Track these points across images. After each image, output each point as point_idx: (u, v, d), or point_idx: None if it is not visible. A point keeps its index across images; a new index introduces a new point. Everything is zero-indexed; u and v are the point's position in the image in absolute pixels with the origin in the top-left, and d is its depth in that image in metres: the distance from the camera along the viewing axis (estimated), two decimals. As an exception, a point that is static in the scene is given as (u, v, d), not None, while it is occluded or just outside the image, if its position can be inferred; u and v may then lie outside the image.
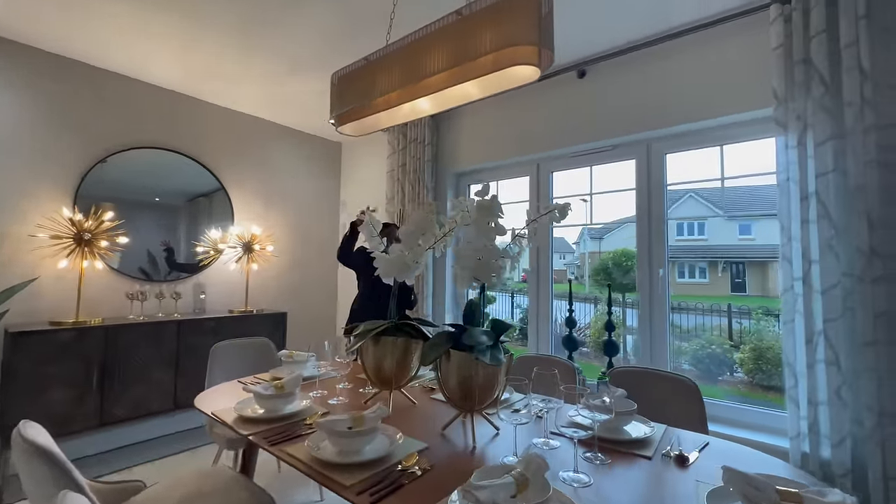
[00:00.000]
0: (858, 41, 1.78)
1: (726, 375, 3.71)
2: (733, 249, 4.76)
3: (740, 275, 5.06)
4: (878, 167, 1.74)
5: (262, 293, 3.66)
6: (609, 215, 3.21)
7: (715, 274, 5.54)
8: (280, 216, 3.84)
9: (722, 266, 5.39)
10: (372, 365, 1.50)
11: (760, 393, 3.38)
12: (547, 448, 1.18)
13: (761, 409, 2.23)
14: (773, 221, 3.11)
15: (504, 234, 1.23)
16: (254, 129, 3.70)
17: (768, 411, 2.21)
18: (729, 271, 5.02)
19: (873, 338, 1.71)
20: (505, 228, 1.23)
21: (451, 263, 3.45)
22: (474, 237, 1.22)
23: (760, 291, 4.73)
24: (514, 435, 1.15)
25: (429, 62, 1.29)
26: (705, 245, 5.29)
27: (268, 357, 2.37)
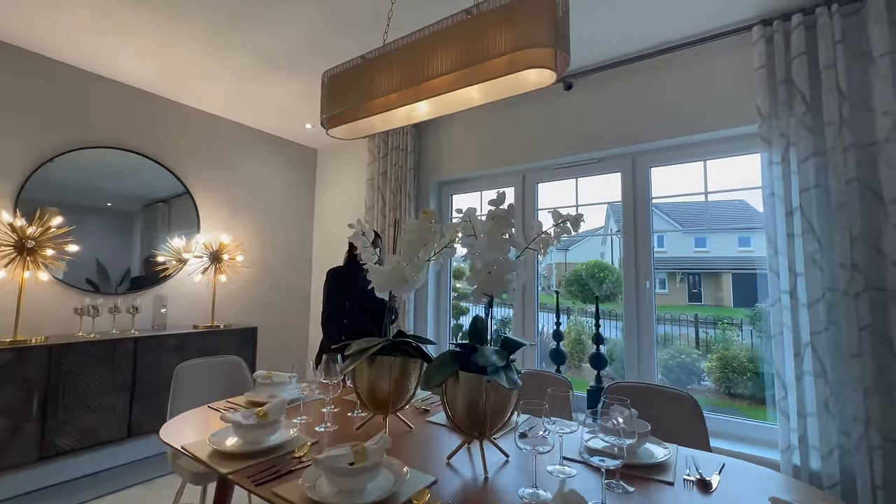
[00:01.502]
0: (836, 64, 1.86)
1: (694, 384, 3.80)
2: (690, 261, 4.98)
3: (696, 285, 5.25)
4: (858, 185, 1.81)
5: (230, 306, 3.42)
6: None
7: (674, 284, 5.74)
8: (250, 224, 3.62)
9: (680, 277, 5.60)
10: (366, 387, 1.37)
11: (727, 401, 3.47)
12: (563, 476, 1.10)
13: (743, 421, 2.25)
14: (728, 235, 3.23)
15: (519, 247, 1.15)
16: (224, 132, 3.49)
17: (748, 422, 2.23)
18: (686, 282, 5.22)
19: (858, 349, 1.75)
20: (518, 241, 1.15)
21: (431, 276, 3.35)
22: (485, 249, 1.14)
23: (715, 301, 4.93)
24: (534, 464, 1.05)
25: (434, 63, 1.21)
26: (665, 257, 5.54)
27: (240, 378, 2.17)
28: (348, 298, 2.39)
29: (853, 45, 1.87)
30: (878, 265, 1.78)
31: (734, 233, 2.93)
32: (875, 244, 1.79)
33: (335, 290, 2.44)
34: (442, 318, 3.36)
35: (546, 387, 1.31)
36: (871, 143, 1.81)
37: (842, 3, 1.88)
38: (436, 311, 3.37)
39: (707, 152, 2.38)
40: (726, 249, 3.37)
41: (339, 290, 2.43)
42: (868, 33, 1.83)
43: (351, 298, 2.39)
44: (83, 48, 2.54)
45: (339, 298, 2.42)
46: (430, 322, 3.32)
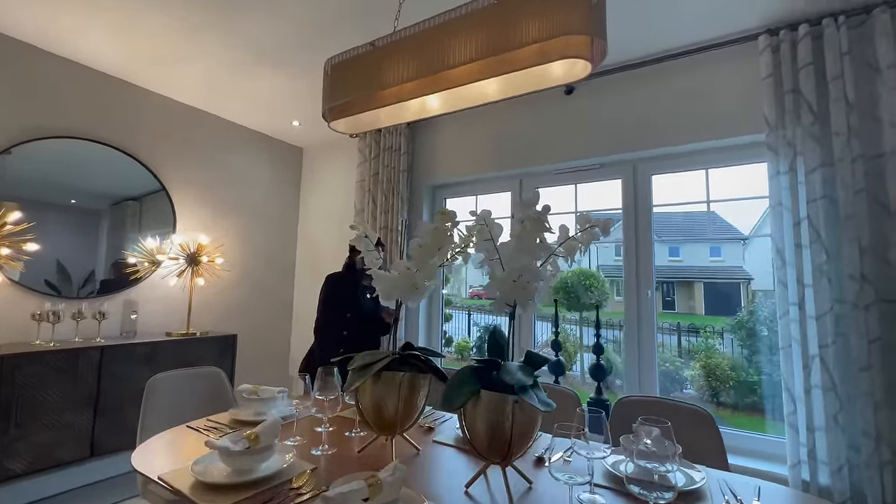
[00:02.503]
0: (843, 75, 1.86)
1: (678, 392, 3.81)
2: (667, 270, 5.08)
3: (671, 293, 5.33)
4: (866, 196, 1.80)
5: (207, 312, 3.19)
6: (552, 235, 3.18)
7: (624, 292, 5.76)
8: (231, 225, 3.42)
9: (655, 285, 5.71)
10: (370, 406, 1.24)
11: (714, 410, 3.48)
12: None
13: (742, 434, 2.21)
14: (700, 245, 3.26)
15: (557, 253, 1.05)
16: (205, 126, 3.28)
17: (745, 434, 2.20)
18: (661, 290, 5.32)
19: (868, 363, 1.72)
20: (551, 246, 1.05)
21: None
22: (512, 255, 1.03)
23: (687, 309, 5.03)
24: (570, 497, 0.94)
25: (454, 51, 1.11)
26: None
27: (221, 392, 1.98)
28: (349, 309, 2.24)
29: (860, 56, 1.88)
30: (887, 277, 1.77)
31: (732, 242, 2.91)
32: (884, 255, 1.78)
33: (334, 297, 2.29)
34: (434, 326, 3.23)
35: (578, 406, 1.22)
36: (879, 154, 1.81)
37: (848, 14, 1.88)
38: (427, 319, 3.24)
39: (710, 161, 2.36)
40: (698, 259, 3.38)
41: (338, 297, 2.28)
42: (874, 45, 1.84)
43: (352, 308, 2.24)
44: (40, 23, 2.28)
45: (338, 307, 2.26)
46: (420, 331, 3.18)
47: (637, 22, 2.09)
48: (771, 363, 2.58)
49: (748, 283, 3.05)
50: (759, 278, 2.91)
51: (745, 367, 2.86)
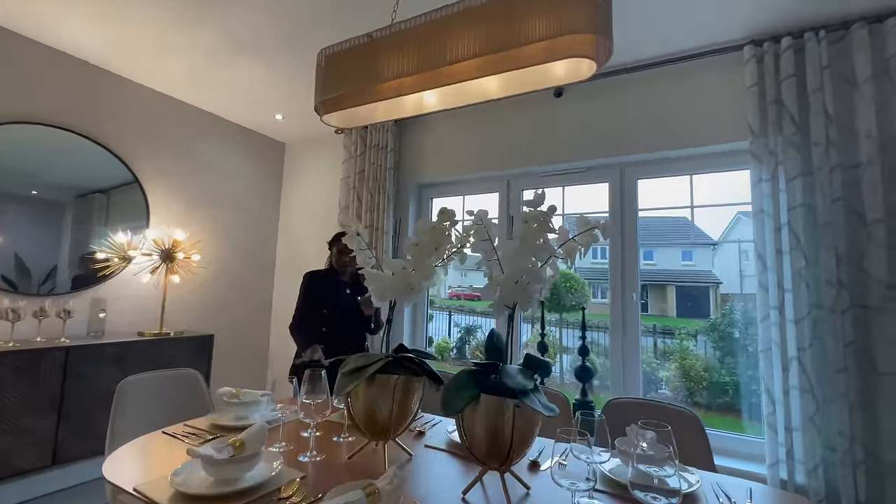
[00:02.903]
0: (823, 87, 1.92)
1: (654, 392, 3.90)
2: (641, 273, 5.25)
3: (644, 296, 5.46)
4: (843, 205, 1.87)
5: (182, 311, 3.06)
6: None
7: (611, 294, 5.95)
8: (208, 220, 3.28)
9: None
10: (363, 410, 1.19)
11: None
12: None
13: (722, 434, 2.27)
14: (673, 249, 3.35)
15: (557, 254, 1.03)
16: (183, 117, 3.14)
17: (724, 434, 2.25)
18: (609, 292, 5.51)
19: (843, 366, 1.79)
20: (553, 247, 1.03)
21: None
22: (515, 256, 1.01)
23: (659, 312, 5.21)
24: (571, 501, 0.93)
25: (457, 46, 1.08)
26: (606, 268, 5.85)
27: (198, 395, 1.89)
28: (326, 305, 2.18)
29: (839, 70, 1.95)
30: (861, 283, 1.84)
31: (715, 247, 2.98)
32: (858, 263, 1.85)
33: (312, 294, 2.22)
34: (419, 328, 3.20)
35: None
36: (856, 164, 1.88)
37: (828, 29, 1.95)
38: (412, 319, 3.20)
39: (694, 167, 2.41)
40: (671, 263, 3.48)
41: (315, 294, 2.21)
42: (853, 60, 1.91)
43: (329, 305, 2.18)
44: (8, 5, 2.15)
45: (315, 304, 2.20)
46: (405, 331, 3.14)
47: (627, 28, 2.11)
48: (742, 364, 2.66)
49: (717, 287, 3.14)
50: (728, 282, 3.01)
51: (718, 368, 2.93)
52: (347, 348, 2.20)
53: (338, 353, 2.15)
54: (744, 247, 2.74)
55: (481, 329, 4.97)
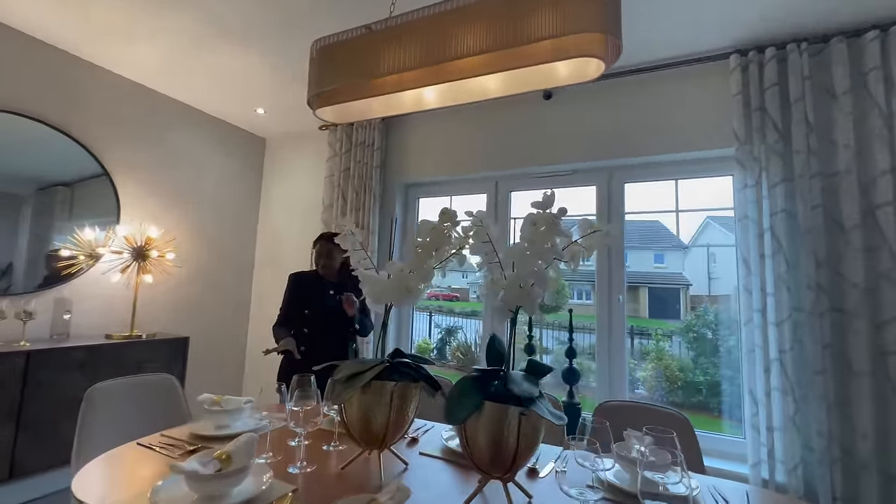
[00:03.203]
0: (804, 97, 1.99)
1: (631, 393, 3.98)
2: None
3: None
4: (822, 212, 1.93)
5: (154, 312, 2.90)
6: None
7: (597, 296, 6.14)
8: (184, 216, 3.13)
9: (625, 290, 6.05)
10: (357, 418, 1.14)
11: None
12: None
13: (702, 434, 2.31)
14: (645, 252, 3.45)
15: (564, 258, 1.01)
16: (158, 108, 2.99)
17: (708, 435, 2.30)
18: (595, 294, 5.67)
19: (822, 367, 1.84)
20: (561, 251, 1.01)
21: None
22: (522, 259, 0.98)
23: (632, 313, 5.37)
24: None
25: (461, 41, 1.04)
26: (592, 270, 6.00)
27: (174, 403, 1.79)
28: (309, 305, 2.10)
29: (819, 81, 2.02)
30: (839, 288, 1.90)
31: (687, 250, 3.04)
32: (836, 268, 1.92)
33: (295, 295, 2.15)
34: (404, 330, 3.14)
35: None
36: (834, 173, 1.95)
37: (810, 42, 2.02)
38: (397, 322, 3.15)
39: (680, 172, 2.45)
40: (644, 265, 3.57)
41: (298, 295, 2.14)
42: (832, 72, 1.98)
43: (312, 305, 2.11)
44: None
45: (300, 304, 2.12)
46: (391, 334, 3.08)
47: (620, 32, 2.13)
48: (715, 364, 2.73)
49: (687, 289, 3.22)
50: (697, 285, 3.09)
51: (693, 368, 2.99)
52: (330, 349, 2.14)
53: (320, 353, 2.09)
54: (712, 250, 2.85)
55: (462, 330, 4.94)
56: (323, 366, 1.27)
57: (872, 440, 1.77)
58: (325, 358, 2.08)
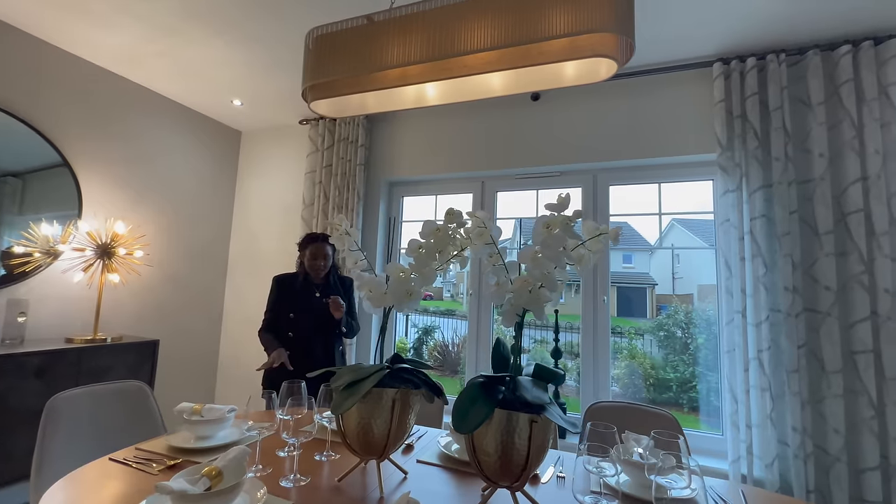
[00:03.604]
0: (783, 106, 2.06)
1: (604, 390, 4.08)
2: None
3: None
4: (798, 217, 2.01)
5: (120, 314, 2.72)
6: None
7: (570, 296, 6.27)
8: (153, 212, 2.95)
9: (575, 289, 6.20)
10: (356, 427, 1.09)
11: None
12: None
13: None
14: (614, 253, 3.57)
15: (572, 262, 0.99)
16: (125, 96, 2.80)
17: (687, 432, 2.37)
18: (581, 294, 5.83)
19: (796, 366, 1.92)
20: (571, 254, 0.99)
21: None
22: (535, 262, 0.96)
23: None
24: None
25: (470, 35, 1.01)
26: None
27: (146, 413, 1.67)
28: (295, 308, 2.02)
29: (795, 92, 2.10)
30: (812, 289, 1.99)
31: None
32: (810, 271, 2.01)
33: (279, 298, 2.06)
34: (388, 331, 3.07)
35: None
36: (809, 180, 2.03)
37: (787, 53, 2.10)
38: (378, 323, 3.07)
39: (663, 175, 2.50)
40: (612, 265, 3.68)
41: (283, 298, 2.05)
42: (807, 84, 2.07)
43: (298, 308, 2.02)
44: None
45: (285, 307, 2.04)
46: (373, 336, 3.01)
47: (610, 36, 2.15)
48: (685, 362, 2.82)
49: (653, 288, 3.32)
50: (662, 284, 3.20)
51: (664, 366, 3.07)
52: (318, 352, 2.06)
53: (307, 357, 2.02)
54: (675, 251, 2.96)
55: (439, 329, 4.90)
56: (317, 372, 1.20)
57: (843, 435, 1.86)
58: (313, 361, 2.02)
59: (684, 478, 1.11)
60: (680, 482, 1.04)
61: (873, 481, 1.81)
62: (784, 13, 1.93)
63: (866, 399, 1.85)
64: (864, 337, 1.87)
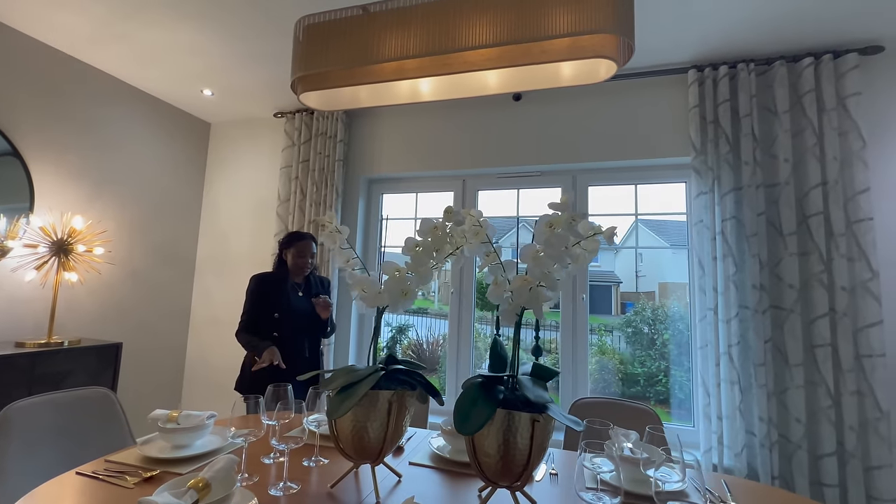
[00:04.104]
0: (752, 114, 2.17)
1: None
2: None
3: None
4: (765, 218, 2.12)
5: (78, 316, 2.53)
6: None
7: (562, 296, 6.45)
8: (115, 207, 2.76)
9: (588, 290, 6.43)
10: (351, 431, 1.05)
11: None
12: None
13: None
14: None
15: (582, 262, 1.00)
16: (85, 82, 2.60)
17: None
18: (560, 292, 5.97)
19: (763, 359, 2.03)
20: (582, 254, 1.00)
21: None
22: (532, 262, 0.96)
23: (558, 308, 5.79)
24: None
25: (470, 31, 1.00)
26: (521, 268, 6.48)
27: (112, 421, 1.56)
28: (278, 308, 1.94)
29: (763, 100, 2.22)
30: (777, 287, 2.11)
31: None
32: (775, 270, 2.12)
33: (261, 297, 1.97)
34: (365, 334, 3.02)
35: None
36: (775, 184, 2.15)
37: (756, 63, 2.21)
38: (359, 327, 3.02)
39: (640, 177, 2.58)
40: None
41: (265, 297, 1.97)
42: (774, 92, 2.18)
43: (281, 308, 1.95)
44: None
45: (265, 308, 1.95)
46: (352, 341, 2.94)
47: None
48: (651, 357, 2.93)
49: (618, 286, 3.44)
50: (626, 282, 3.33)
51: (632, 361, 3.18)
52: (303, 353, 1.99)
53: (294, 358, 1.95)
54: (638, 251, 3.13)
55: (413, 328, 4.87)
56: (309, 375, 1.16)
57: (804, 424, 1.99)
58: (300, 362, 1.96)
59: (675, 471, 1.15)
60: (672, 475, 1.07)
61: (830, 467, 1.94)
62: (752, 24, 2.02)
63: (824, 389, 1.98)
64: (823, 332, 2.00)
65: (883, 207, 2.05)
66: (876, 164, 2.07)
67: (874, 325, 1.95)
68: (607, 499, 0.86)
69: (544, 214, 0.97)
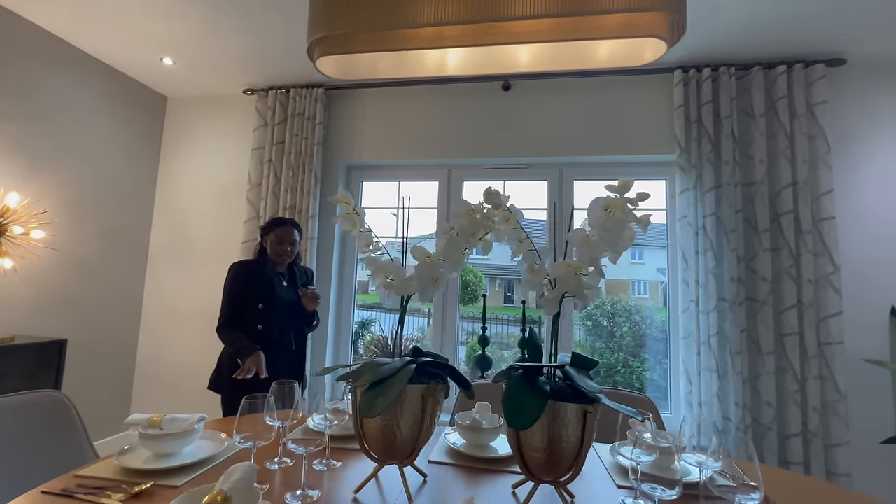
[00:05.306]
0: (732, 115, 2.28)
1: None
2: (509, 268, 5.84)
3: (510, 289, 6.11)
4: (742, 215, 2.24)
5: (11, 308, 2.18)
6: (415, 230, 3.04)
7: (493, 289, 6.57)
8: (54, 184, 2.41)
9: (498, 282, 6.54)
10: (379, 429, 0.96)
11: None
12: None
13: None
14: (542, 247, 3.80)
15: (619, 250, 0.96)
16: (24, 42, 2.23)
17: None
18: (504, 287, 6.16)
19: (739, 349, 2.15)
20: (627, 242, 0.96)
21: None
22: (586, 246, 0.91)
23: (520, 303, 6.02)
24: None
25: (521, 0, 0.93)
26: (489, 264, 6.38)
27: (68, 430, 1.34)
28: (262, 299, 1.78)
29: (742, 103, 2.33)
30: (751, 280, 2.24)
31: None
32: (750, 264, 2.25)
33: (243, 288, 1.79)
34: (343, 328, 2.88)
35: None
36: (752, 182, 2.28)
37: (736, 67, 2.33)
38: (336, 319, 2.87)
39: (624, 173, 2.64)
40: None
41: (248, 287, 1.79)
42: (751, 96, 2.31)
43: (265, 299, 1.78)
44: None
45: (248, 299, 1.78)
46: (329, 335, 2.79)
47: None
48: (610, 349, 3.04)
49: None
50: None
51: (592, 353, 3.29)
52: (289, 346, 1.84)
53: (281, 352, 1.79)
54: None
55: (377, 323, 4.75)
56: (324, 370, 1.05)
57: (774, 407, 2.12)
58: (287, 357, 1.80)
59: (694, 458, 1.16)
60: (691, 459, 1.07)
61: (795, 446, 2.09)
62: (734, 31, 2.12)
63: (792, 375, 2.13)
64: (791, 321, 2.15)
65: (844, 207, 2.23)
66: (840, 167, 2.25)
67: (835, 316, 2.12)
68: (660, 490, 0.84)
69: (598, 197, 0.93)
